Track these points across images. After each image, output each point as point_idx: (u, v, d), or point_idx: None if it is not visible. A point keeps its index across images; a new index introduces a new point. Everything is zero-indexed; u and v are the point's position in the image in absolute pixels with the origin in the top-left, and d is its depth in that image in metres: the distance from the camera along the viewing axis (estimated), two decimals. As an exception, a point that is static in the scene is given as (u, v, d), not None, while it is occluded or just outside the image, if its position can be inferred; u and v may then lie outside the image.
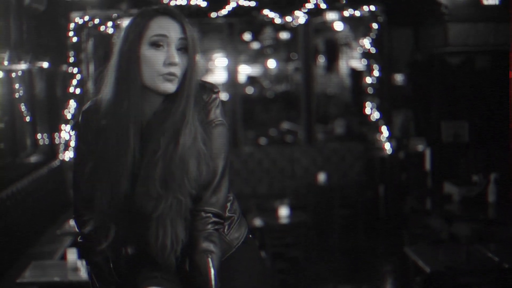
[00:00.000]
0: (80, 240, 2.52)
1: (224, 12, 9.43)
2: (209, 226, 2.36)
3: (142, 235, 2.38)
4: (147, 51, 2.32)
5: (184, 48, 2.35)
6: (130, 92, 2.33)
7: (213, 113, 2.40)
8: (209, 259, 2.32)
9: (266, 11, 9.62)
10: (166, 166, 2.31)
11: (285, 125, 13.63)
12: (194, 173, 2.33)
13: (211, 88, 2.43)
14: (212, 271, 2.32)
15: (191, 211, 2.37)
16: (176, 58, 2.31)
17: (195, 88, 2.37)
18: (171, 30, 2.32)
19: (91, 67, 9.90)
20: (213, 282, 2.31)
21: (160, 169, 2.32)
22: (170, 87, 2.32)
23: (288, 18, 9.92)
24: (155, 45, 2.31)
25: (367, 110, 9.89)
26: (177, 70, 2.32)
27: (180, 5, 8.97)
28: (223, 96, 10.63)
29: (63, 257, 5.73)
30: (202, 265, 2.31)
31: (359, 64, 11.97)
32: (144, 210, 2.34)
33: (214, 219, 2.38)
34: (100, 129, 2.37)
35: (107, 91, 2.37)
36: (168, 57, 2.31)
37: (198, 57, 2.38)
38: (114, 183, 2.34)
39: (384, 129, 9.63)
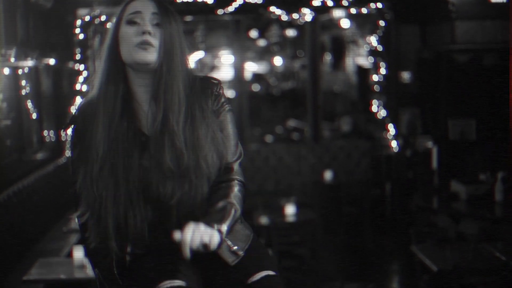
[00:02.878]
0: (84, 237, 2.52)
1: (230, 9, 9.42)
2: (239, 188, 2.49)
3: (162, 226, 2.42)
4: (124, 29, 2.40)
5: (160, 23, 2.40)
6: (112, 71, 2.41)
7: (223, 100, 2.50)
8: (233, 210, 2.39)
9: (272, 8, 9.61)
10: (173, 145, 2.36)
11: (292, 123, 13.61)
12: (212, 158, 2.40)
13: (217, 81, 2.52)
14: (229, 222, 2.35)
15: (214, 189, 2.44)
16: (149, 27, 2.37)
17: (183, 66, 2.42)
18: (145, 7, 2.41)
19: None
20: (226, 228, 2.33)
21: (168, 147, 2.36)
22: (146, 55, 2.36)
23: (295, 15, 9.92)
24: (131, 22, 2.40)
25: (374, 108, 9.88)
26: (152, 40, 2.37)
27: (187, 2, 8.96)
28: (230, 93, 10.63)
29: (70, 254, 5.72)
30: (227, 212, 2.37)
31: (366, 61, 11.97)
32: (162, 198, 2.38)
33: (242, 187, 2.51)
34: (92, 119, 2.41)
35: (98, 78, 2.45)
36: (141, 27, 2.38)
37: (177, 31, 2.42)
38: (125, 169, 2.38)
39: (391, 127, 9.61)
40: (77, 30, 9.06)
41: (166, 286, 2.33)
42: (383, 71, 9.71)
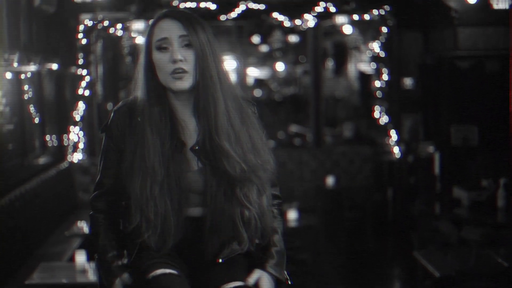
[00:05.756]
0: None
1: (233, 15, 9.43)
2: (278, 212, 2.84)
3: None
4: (156, 55, 2.45)
5: (190, 44, 2.44)
6: (152, 92, 2.48)
7: (260, 124, 2.61)
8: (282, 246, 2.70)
9: (275, 14, 9.62)
10: (228, 156, 2.45)
11: (294, 128, 13.62)
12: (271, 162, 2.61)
13: (253, 103, 2.67)
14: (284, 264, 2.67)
15: None
16: (179, 55, 2.42)
17: (221, 80, 2.47)
18: (171, 30, 2.44)
19: (100, 69, 9.92)
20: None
21: (224, 158, 2.46)
22: (181, 84, 2.43)
23: (297, 21, 9.93)
24: (161, 48, 2.44)
25: (376, 114, 9.88)
26: (185, 66, 2.42)
27: (190, 8, 8.97)
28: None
29: (72, 258, 5.73)
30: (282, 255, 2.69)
31: (368, 67, 11.98)
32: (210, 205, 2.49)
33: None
34: (134, 126, 2.49)
35: (139, 92, 2.51)
36: (171, 55, 2.42)
37: (210, 48, 2.46)
38: (152, 173, 2.44)
39: (393, 132, 9.61)
40: (80, 35, 9.07)
41: (159, 273, 2.40)
42: (385, 77, 9.71)
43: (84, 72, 9.09)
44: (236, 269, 2.53)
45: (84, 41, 9.09)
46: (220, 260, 2.51)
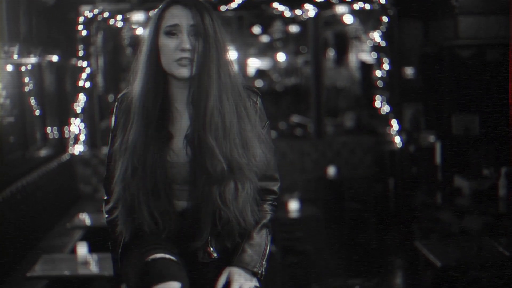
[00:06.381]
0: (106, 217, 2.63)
1: (233, 5, 9.41)
2: (271, 208, 2.72)
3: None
4: (163, 40, 2.45)
5: (198, 34, 2.44)
6: (152, 78, 2.47)
7: (263, 114, 2.60)
8: (269, 236, 2.63)
9: (275, 4, 9.60)
10: (210, 151, 2.43)
11: (295, 119, 13.60)
12: (260, 156, 2.54)
13: (256, 92, 2.61)
14: (267, 257, 2.57)
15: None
16: (187, 43, 2.42)
17: (220, 72, 2.45)
18: (182, 18, 2.44)
19: (101, 61, 9.91)
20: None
21: (207, 152, 2.44)
22: (184, 71, 2.43)
23: (298, 11, 9.90)
24: (169, 34, 2.44)
25: (377, 104, 9.87)
26: (191, 55, 2.42)
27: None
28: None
29: (73, 251, 5.73)
30: (265, 242, 2.59)
31: (369, 57, 11.95)
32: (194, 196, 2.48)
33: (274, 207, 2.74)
34: (127, 113, 2.52)
35: (137, 79, 2.51)
36: (180, 43, 2.43)
37: (215, 40, 2.46)
38: (159, 171, 2.46)
39: (394, 122, 9.60)
40: (80, 27, 9.06)
41: (158, 257, 2.42)
42: (386, 66, 9.69)
43: (85, 63, 9.08)
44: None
45: (84, 33, 9.08)
46: (214, 254, 2.54)
